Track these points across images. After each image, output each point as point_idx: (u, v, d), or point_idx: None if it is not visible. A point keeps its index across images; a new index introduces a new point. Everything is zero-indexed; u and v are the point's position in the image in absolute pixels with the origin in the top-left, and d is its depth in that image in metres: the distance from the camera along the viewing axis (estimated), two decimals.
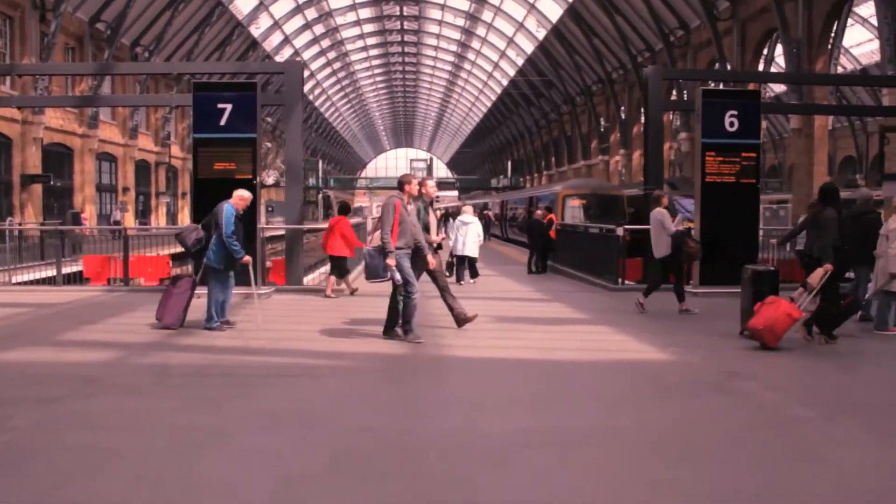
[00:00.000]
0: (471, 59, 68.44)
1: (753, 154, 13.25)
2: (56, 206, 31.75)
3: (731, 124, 13.11)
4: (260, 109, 13.05)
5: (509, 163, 79.73)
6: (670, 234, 10.47)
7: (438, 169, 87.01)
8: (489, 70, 67.36)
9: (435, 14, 60.42)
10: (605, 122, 51.62)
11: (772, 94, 41.68)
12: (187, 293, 8.80)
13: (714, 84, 36.02)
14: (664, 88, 40.85)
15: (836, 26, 27.29)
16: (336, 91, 79.25)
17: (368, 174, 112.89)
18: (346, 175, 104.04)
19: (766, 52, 32.64)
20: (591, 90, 51.64)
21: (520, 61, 58.12)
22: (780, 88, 36.77)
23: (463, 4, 56.06)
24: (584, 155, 55.14)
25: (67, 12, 29.96)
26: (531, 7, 49.02)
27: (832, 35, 27.22)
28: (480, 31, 60.46)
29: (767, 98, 37.55)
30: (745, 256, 12.41)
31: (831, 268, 7.66)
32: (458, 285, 14.23)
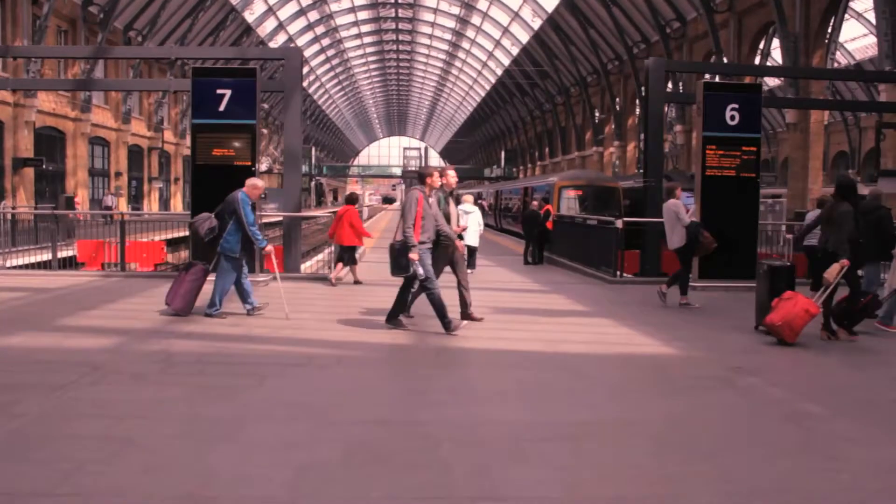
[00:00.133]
0: (465, 48, 68.23)
1: (754, 148, 13.20)
2: (48, 190, 31.52)
3: (733, 118, 13.06)
4: (259, 96, 12.94)
5: (503, 153, 79.75)
6: (685, 225, 10.39)
7: (431, 158, 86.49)
8: (484, 59, 67.17)
9: (430, 2, 60.18)
10: (599, 114, 51.56)
11: (766, 89, 41.64)
12: (200, 280, 8.79)
13: (711, 77, 36.20)
14: (645, 80, 40.76)
15: (834, 21, 27.28)
16: (330, 78, 78.92)
17: (361, 162, 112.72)
18: (339, 163, 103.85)
19: (762, 45, 32.63)
20: (586, 81, 51.53)
21: (515, 51, 57.97)
22: (774, 83, 36.69)
23: None
24: (579, 146, 55.11)
25: None
26: None
27: (829, 30, 27.21)
28: (476, 20, 60.24)
29: (763, 92, 37.50)
30: (744, 251, 12.47)
31: (848, 263, 7.55)
32: None
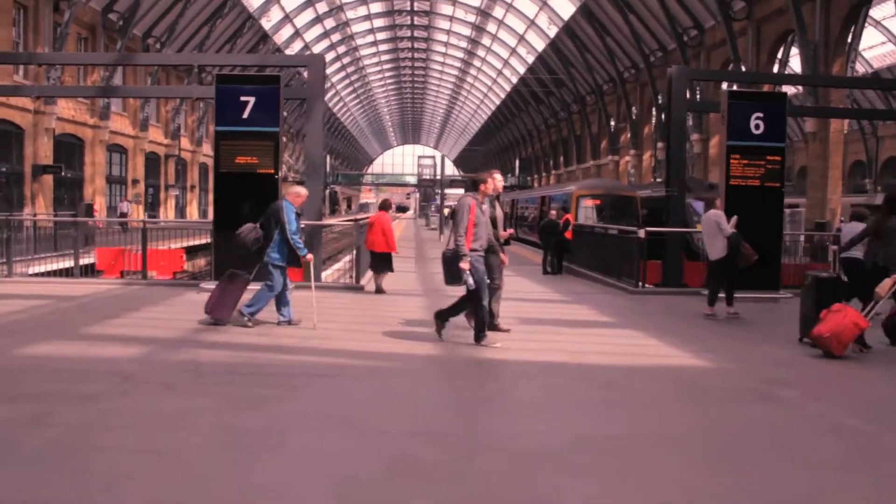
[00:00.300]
0: (480, 56, 68.28)
1: (778, 157, 13.09)
2: (66, 197, 31.71)
3: (757, 126, 12.97)
4: (282, 103, 12.94)
5: (517, 161, 79.75)
6: (726, 236, 10.25)
7: (446, 167, 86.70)
8: (499, 67, 67.18)
9: (446, 10, 60.33)
10: (615, 122, 51.42)
11: None
12: (242, 290, 8.80)
13: (729, 85, 36.04)
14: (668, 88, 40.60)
15: (854, 29, 27.09)
16: (345, 86, 79.19)
17: (375, 170, 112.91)
18: (353, 171, 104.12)
19: (780, 54, 32.44)
20: (601, 89, 51.44)
21: (530, 59, 57.92)
22: (789, 91, 36.41)
23: (474, 1, 55.90)
24: (594, 155, 54.98)
25: (81, 2, 29.88)
26: (543, 4, 48.87)
27: (850, 38, 27.03)
28: (491, 28, 60.29)
29: None
30: (769, 261, 12.32)
31: None
32: None
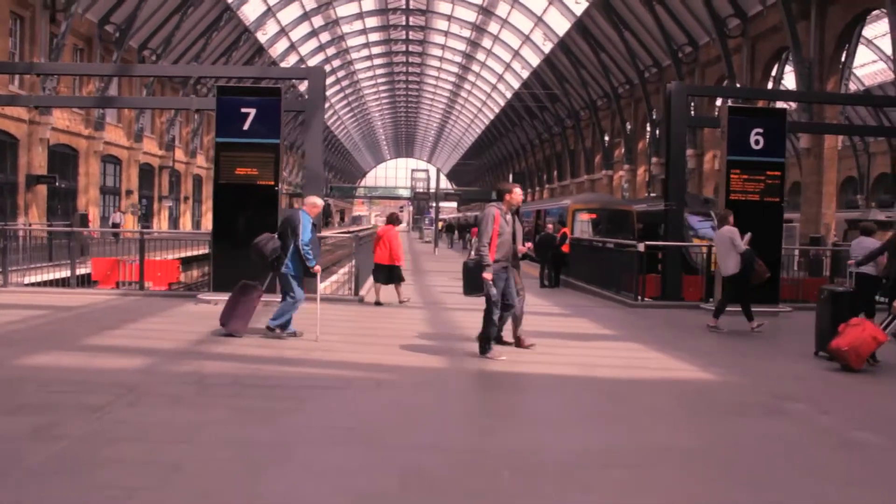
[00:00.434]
0: (475, 70, 68.51)
1: (778, 172, 13.19)
2: (60, 208, 31.55)
3: (757, 142, 13.06)
4: (283, 115, 12.91)
5: (511, 175, 79.86)
6: (740, 252, 10.29)
7: (440, 181, 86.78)
8: (493, 82, 67.40)
9: (441, 25, 60.52)
10: (609, 137, 51.60)
11: None
12: (257, 301, 8.76)
13: (724, 101, 36.19)
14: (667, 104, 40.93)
15: (849, 47, 27.29)
16: (339, 100, 79.26)
17: (368, 183, 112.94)
18: (346, 184, 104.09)
19: (774, 71, 32.65)
20: (596, 105, 51.63)
21: (524, 74, 58.15)
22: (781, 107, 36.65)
23: (469, 16, 56.14)
24: (588, 169, 55.12)
25: (77, 13, 29.85)
26: (538, 20, 49.12)
27: (844, 56, 27.23)
28: (486, 43, 60.51)
29: None
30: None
31: None
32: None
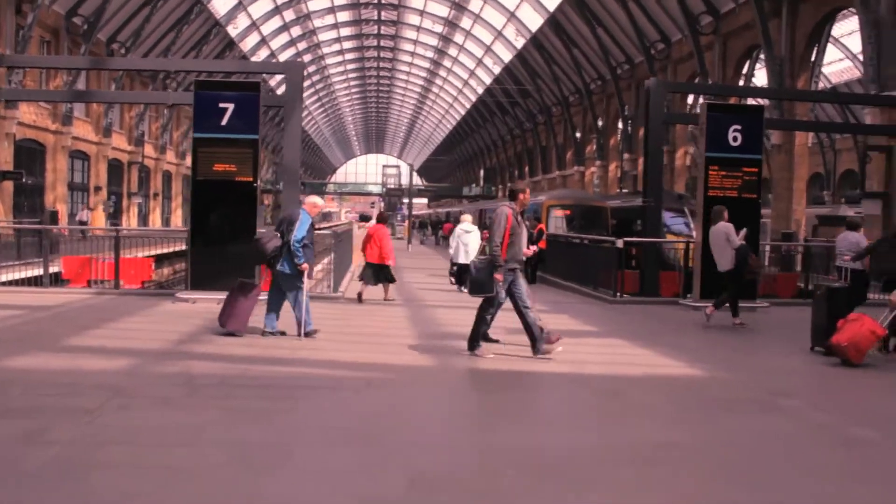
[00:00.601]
0: (447, 66, 68.33)
1: (755, 169, 13.33)
2: (26, 204, 30.85)
3: (735, 139, 13.18)
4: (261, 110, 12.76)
5: (482, 171, 79.91)
6: (735, 248, 10.39)
7: (412, 177, 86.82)
8: (465, 78, 67.31)
9: (413, 20, 60.27)
10: (581, 133, 51.85)
11: None
12: (255, 300, 8.65)
13: (697, 98, 36.50)
14: (636, 100, 41.38)
15: (819, 45, 27.70)
16: (309, 94, 78.53)
17: (338, 179, 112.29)
18: (316, 180, 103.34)
19: (745, 69, 33.02)
20: (568, 101, 51.82)
21: (496, 70, 58.14)
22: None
23: (442, 11, 55.97)
24: (560, 165, 55.33)
25: (44, 5, 29.21)
26: (511, 16, 49.14)
27: (814, 53, 27.62)
28: (458, 39, 60.38)
29: None
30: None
31: None
32: (459, 293, 14.10)
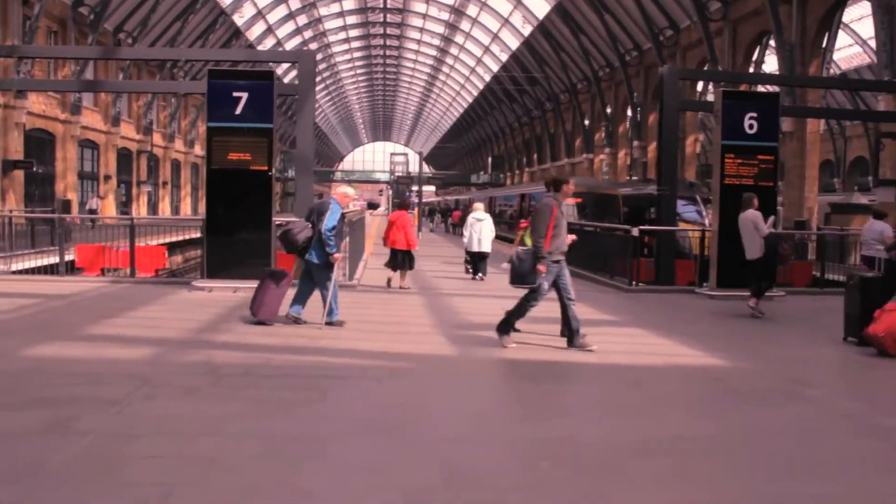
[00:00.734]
0: (453, 53, 68.04)
1: (771, 157, 13.23)
2: (37, 193, 30.91)
3: (751, 126, 13.08)
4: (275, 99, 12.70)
5: (490, 159, 79.72)
6: (763, 236, 10.32)
7: (419, 163, 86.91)
8: (472, 65, 67.02)
9: (419, 7, 59.99)
10: (589, 121, 51.60)
11: None
12: (285, 289, 8.64)
13: (707, 84, 36.22)
14: (645, 87, 41.14)
15: (830, 32, 27.47)
16: (317, 82, 78.51)
17: (345, 167, 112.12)
18: (324, 168, 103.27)
19: (755, 55, 32.79)
20: (576, 88, 51.55)
21: (504, 57, 57.86)
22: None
23: None
24: (568, 152, 55.12)
25: None
26: (518, 3, 48.85)
27: (825, 40, 27.41)
28: (465, 26, 60.09)
29: None
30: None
31: None
32: (474, 281, 14.07)
